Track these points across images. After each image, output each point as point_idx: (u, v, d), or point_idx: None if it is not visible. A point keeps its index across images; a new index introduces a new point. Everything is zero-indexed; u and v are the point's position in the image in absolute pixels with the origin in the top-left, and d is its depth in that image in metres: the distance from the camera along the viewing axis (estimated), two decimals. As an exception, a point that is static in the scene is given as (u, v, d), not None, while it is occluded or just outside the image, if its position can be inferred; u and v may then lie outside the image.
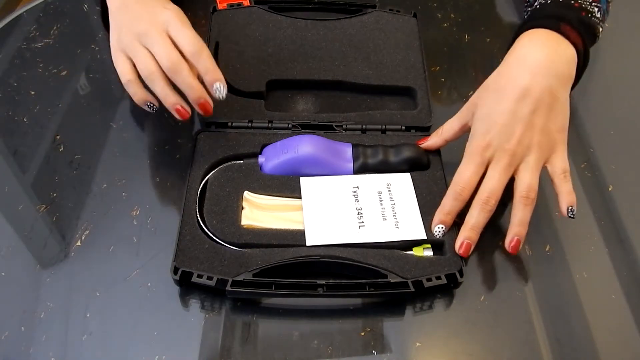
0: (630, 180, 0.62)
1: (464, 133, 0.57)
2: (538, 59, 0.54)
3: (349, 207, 0.54)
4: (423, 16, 0.72)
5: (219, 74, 0.55)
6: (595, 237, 0.57)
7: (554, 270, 0.54)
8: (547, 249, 0.55)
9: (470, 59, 0.74)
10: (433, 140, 0.59)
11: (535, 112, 0.53)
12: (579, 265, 0.54)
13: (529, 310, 0.51)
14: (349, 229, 0.53)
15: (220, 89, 0.54)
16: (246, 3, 0.70)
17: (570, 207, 0.53)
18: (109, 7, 0.58)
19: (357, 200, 0.55)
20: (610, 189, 0.61)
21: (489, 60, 0.74)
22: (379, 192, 0.56)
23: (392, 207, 0.55)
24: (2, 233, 0.55)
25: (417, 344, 0.49)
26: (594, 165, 0.63)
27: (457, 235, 0.52)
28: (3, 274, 0.52)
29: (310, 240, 0.52)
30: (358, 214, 0.54)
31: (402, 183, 0.56)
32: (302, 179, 0.56)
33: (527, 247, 0.55)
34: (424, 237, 0.53)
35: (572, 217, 0.53)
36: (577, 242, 0.56)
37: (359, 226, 0.53)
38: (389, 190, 0.56)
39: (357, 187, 0.56)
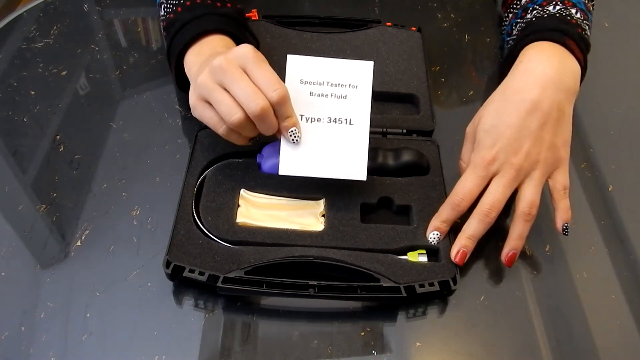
0: (630, 180, 0.62)
1: None
2: (547, 73, 0.53)
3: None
4: (423, 16, 0.72)
5: (296, 118, 0.52)
6: (595, 237, 0.57)
7: (554, 270, 0.54)
8: (547, 249, 0.55)
9: (470, 59, 0.74)
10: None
11: (543, 127, 0.52)
12: (579, 265, 0.54)
13: (529, 310, 0.51)
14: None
15: (295, 133, 0.52)
16: (255, 17, 0.71)
17: (565, 225, 0.53)
18: (189, 76, 0.56)
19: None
20: (610, 189, 0.61)
21: (489, 60, 0.74)
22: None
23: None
24: (2, 233, 0.55)
25: (417, 344, 0.49)
26: (594, 165, 0.63)
27: (453, 243, 0.52)
28: (3, 274, 0.52)
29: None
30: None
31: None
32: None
33: (527, 247, 0.55)
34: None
35: (566, 234, 0.53)
36: (577, 242, 0.56)
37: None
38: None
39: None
